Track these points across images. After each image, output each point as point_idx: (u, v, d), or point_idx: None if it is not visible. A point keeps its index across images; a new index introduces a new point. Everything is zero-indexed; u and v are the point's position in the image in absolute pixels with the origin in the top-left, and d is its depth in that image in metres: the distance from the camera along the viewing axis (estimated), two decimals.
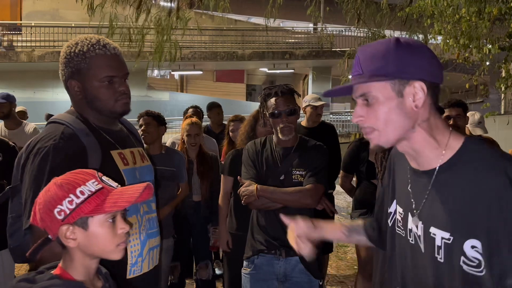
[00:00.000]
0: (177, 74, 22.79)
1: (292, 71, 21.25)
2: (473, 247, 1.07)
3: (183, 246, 3.80)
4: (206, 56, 17.53)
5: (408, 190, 1.25)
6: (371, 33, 7.28)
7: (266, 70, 21.23)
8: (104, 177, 1.21)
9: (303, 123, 4.16)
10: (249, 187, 2.42)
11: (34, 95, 16.04)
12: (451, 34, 5.55)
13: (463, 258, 1.08)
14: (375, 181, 3.31)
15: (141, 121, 3.51)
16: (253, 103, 20.95)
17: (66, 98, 1.71)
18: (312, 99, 4.14)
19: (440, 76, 1.17)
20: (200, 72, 20.19)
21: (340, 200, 8.26)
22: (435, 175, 1.16)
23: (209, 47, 17.72)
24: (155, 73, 21.30)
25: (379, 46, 1.17)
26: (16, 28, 15.79)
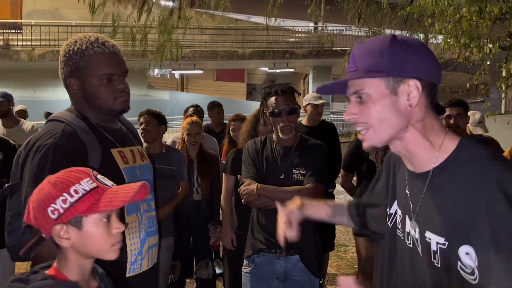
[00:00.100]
0: (178, 73, 22.79)
1: (292, 70, 21.22)
2: (467, 253, 1.03)
3: (183, 245, 3.80)
4: (207, 55, 17.53)
5: (406, 192, 1.22)
6: (371, 32, 7.26)
7: (267, 69, 21.22)
8: (99, 176, 1.18)
9: (304, 122, 4.16)
10: (249, 186, 2.42)
11: (34, 94, 16.06)
12: (451, 33, 5.53)
13: (460, 263, 1.04)
14: None
15: (142, 120, 3.51)
16: (254, 103, 20.97)
17: (66, 97, 1.70)
18: (312, 98, 4.13)
19: (438, 75, 1.14)
20: (201, 71, 20.18)
21: (341, 199, 8.25)
22: (429, 178, 1.12)
23: (210, 46, 17.71)
24: (156, 72, 21.29)
25: (375, 43, 1.14)
26: (17, 27, 15.78)
